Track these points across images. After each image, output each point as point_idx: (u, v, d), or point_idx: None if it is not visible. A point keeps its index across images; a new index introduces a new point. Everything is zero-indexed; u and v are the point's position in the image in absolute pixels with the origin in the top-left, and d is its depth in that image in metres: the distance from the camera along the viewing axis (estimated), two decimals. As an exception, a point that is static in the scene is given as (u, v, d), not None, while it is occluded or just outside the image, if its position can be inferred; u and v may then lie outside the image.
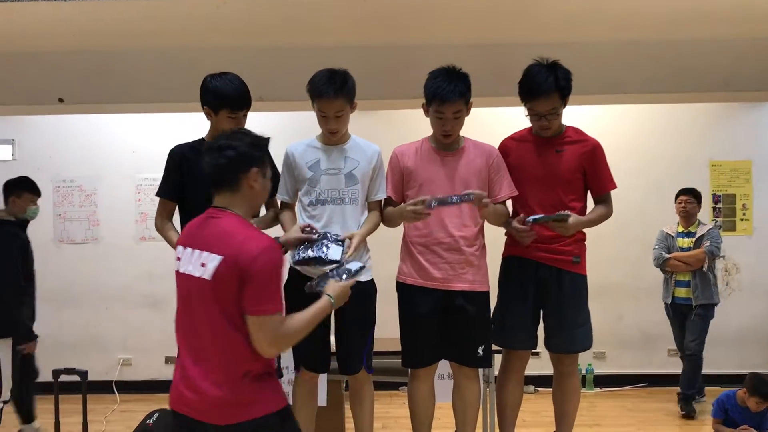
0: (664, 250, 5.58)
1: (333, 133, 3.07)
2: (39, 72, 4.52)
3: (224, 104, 3.05)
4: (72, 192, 6.29)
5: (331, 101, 3.00)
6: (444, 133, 3.08)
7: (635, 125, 6.40)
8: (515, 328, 3.23)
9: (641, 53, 4.57)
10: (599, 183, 3.28)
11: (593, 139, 3.29)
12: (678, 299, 5.55)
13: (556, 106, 3.14)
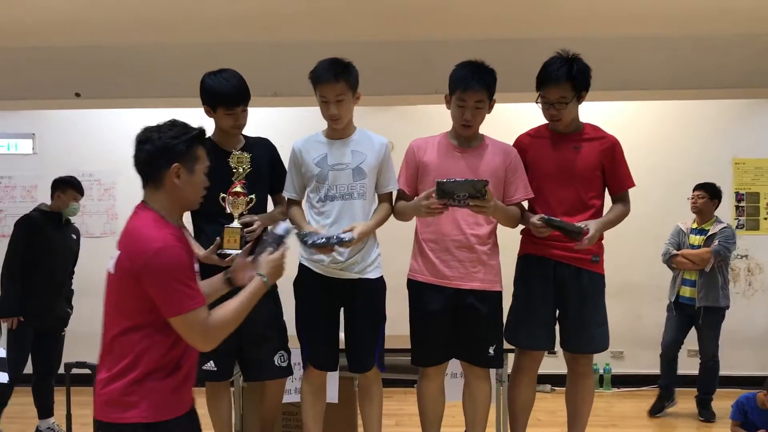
0: (673, 245, 5.39)
1: (334, 119, 3.03)
2: (56, 67, 4.55)
3: (219, 102, 3.06)
4: (91, 186, 6.32)
5: (332, 85, 2.98)
6: (464, 122, 3.03)
7: (656, 122, 6.30)
8: (533, 327, 3.18)
9: (662, 49, 4.51)
10: (618, 181, 3.23)
11: (612, 136, 3.24)
12: (682, 298, 5.35)
13: (566, 95, 3.09)
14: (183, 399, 2.20)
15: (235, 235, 2.98)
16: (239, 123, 3.11)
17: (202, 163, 2.25)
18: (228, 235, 2.98)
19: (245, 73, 4.41)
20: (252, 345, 3.11)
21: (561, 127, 3.17)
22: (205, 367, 3.05)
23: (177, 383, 2.17)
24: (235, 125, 3.11)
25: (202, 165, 2.25)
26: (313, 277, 3.03)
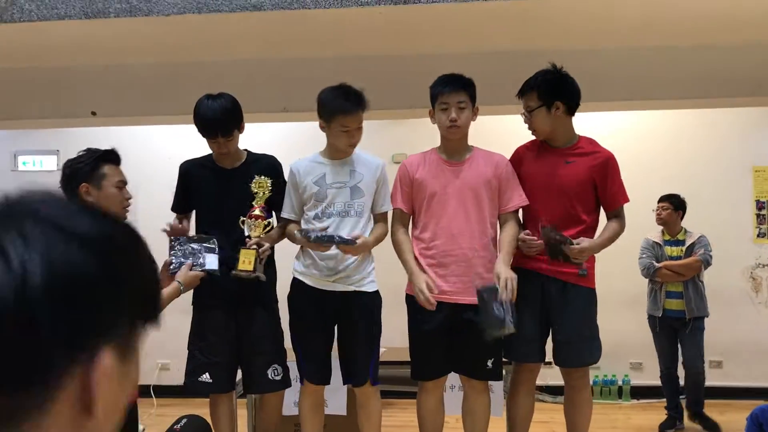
0: (652, 259, 5.28)
1: (354, 146, 3.12)
2: (73, 86, 4.68)
3: (201, 130, 3.16)
4: (113, 201, 6.49)
5: (356, 115, 3.08)
6: (451, 122, 3.06)
7: (674, 131, 6.26)
8: (522, 340, 3.18)
9: (677, 58, 4.47)
10: (610, 196, 3.23)
11: (606, 150, 3.24)
12: (669, 312, 5.22)
13: (530, 104, 3.15)
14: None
15: (251, 256, 3.05)
16: (222, 150, 3.17)
17: (111, 179, 2.63)
18: (244, 257, 3.06)
19: (255, 89, 4.55)
20: (248, 358, 3.18)
21: (542, 137, 3.20)
22: (201, 379, 3.13)
23: None
24: (219, 152, 3.19)
25: (110, 180, 2.62)
26: (307, 290, 3.09)
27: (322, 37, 4.29)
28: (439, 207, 3.09)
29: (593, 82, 4.42)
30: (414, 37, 4.29)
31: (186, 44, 4.30)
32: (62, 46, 4.23)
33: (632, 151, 6.35)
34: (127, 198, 2.66)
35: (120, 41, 4.18)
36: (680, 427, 5.41)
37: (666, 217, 5.28)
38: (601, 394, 6.30)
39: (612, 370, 6.34)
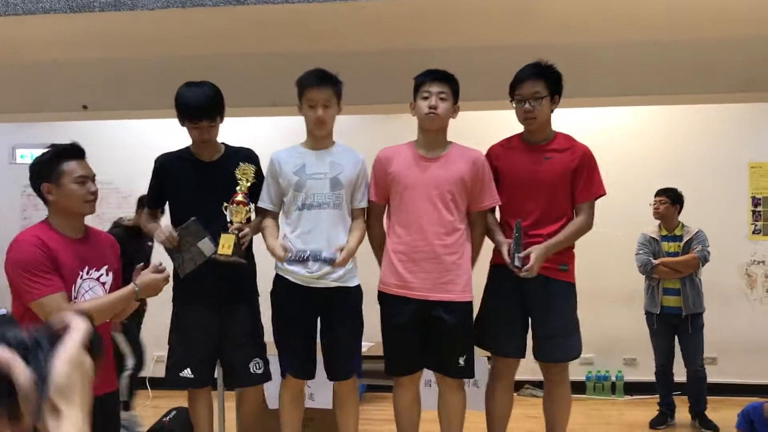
0: (649, 255, 5.24)
1: (320, 122, 3.09)
2: (63, 80, 4.69)
3: (184, 114, 3.15)
4: (110, 194, 6.53)
5: (320, 89, 3.10)
6: (430, 109, 3.05)
7: (670, 127, 6.24)
8: (502, 335, 3.18)
9: (662, 54, 4.44)
10: (582, 189, 3.21)
11: (583, 145, 3.24)
12: (667, 309, 5.19)
13: (539, 90, 3.13)
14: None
15: (230, 241, 3.06)
16: (204, 137, 3.17)
17: (70, 175, 2.59)
18: (224, 241, 3.07)
19: (244, 83, 4.55)
20: (229, 352, 3.19)
21: (535, 128, 3.18)
22: (183, 374, 3.14)
23: None
24: (201, 138, 3.17)
25: (69, 177, 2.59)
26: (289, 287, 3.09)
27: (310, 32, 4.29)
28: (411, 202, 3.09)
29: (585, 77, 4.43)
30: (402, 32, 4.28)
31: (173, 39, 4.30)
32: (52, 40, 4.24)
33: (626, 146, 6.35)
34: (90, 191, 2.62)
35: (108, 36, 4.19)
36: (671, 423, 5.40)
37: (663, 211, 5.24)
38: (595, 390, 6.29)
39: (606, 366, 6.33)
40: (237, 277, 3.17)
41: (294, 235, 3.10)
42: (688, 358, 5.23)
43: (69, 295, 2.57)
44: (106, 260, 2.75)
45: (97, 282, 2.69)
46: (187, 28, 4.14)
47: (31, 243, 2.52)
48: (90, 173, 2.69)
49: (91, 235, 2.78)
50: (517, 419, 5.14)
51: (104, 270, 2.71)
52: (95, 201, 2.68)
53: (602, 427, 5.54)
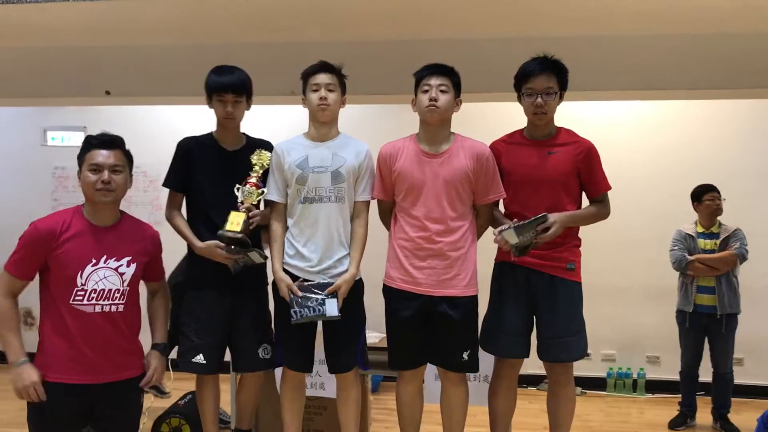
0: (684, 251, 5.10)
1: (324, 104, 3.08)
2: (87, 66, 4.76)
3: (212, 88, 3.18)
4: (137, 177, 6.51)
5: (324, 74, 3.11)
6: (431, 103, 3.03)
7: (702, 120, 6.11)
8: (505, 335, 3.15)
9: (687, 47, 4.32)
10: (594, 185, 3.17)
11: (586, 140, 3.18)
12: (701, 307, 5.06)
13: (552, 86, 3.08)
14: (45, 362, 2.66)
15: (240, 218, 3.08)
16: (229, 110, 3.16)
17: (87, 163, 2.73)
18: (233, 218, 3.08)
19: (263, 71, 4.53)
20: (239, 337, 3.21)
21: (544, 123, 3.12)
22: (195, 360, 3.17)
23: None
24: (227, 114, 3.17)
25: (86, 164, 2.73)
26: (292, 278, 3.09)
27: (328, 21, 4.28)
28: (415, 199, 3.06)
29: (602, 70, 4.34)
30: (419, 22, 4.25)
31: (192, 27, 4.35)
32: (74, 27, 4.31)
33: (656, 141, 6.22)
34: (102, 180, 2.68)
35: (130, 23, 4.24)
36: (691, 424, 5.31)
37: (720, 205, 5.13)
38: (615, 387, 6.21)
39: (628, 363, 6.25)
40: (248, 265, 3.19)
41: (297, 229, 3.10)
42: (717, 361, 5.12)
43: (74, 281, 2.65)
44: (131, 252, 2.79)
45: (115, 272, 2.74)
46: (207, 17, 4.17)
47: (39, 224, 2.69)
48: (107, 163, 2.73)
49: (124, 226, 2.84)
50: (534, 414, 5.12)
51: (125, 261, 2.76)
52: (108, 191, 2.72)
53: (620, 425, 5.46)
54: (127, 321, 2.79)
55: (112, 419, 2.80)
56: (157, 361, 2.89)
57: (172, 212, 3.29)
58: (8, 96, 4.98)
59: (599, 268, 5.96)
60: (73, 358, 2.67)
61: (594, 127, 6.04)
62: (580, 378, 6.11)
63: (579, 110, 6.13)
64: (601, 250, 5.78)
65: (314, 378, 4.07)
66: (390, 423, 4.87)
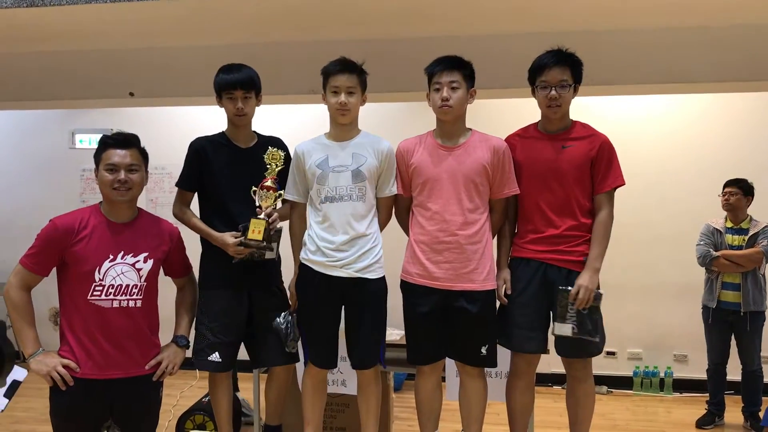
0: (710, 246, 5.03)
1: (343, 109, 3.07)
2: (111, 68, 4.83)
3: (221, 86, 3.19)
4: (163, 179, 6.70)
5: (345, 75, 3.08)
6: (443, 102, 3.02)
7: (731, 114, 6.02)
8: (519, 329, 3.11)
9: (710, 40, 4.26)
10: (602, 179, 3.09)
11: (602, 134, 3.12)
12: (724, 304, 5.00)
13: (566, 78, 3.04)
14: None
15: (260, 226, 3.09)
16: (240, 107, 3.17)
17: (103, 162, 2.78)
18: (254, 226, 3.09)
19: (282, 71, 4.59)
20: (263, 333, 3.22)
21: (558, 116, 3.08)
22: (211, 358, 3.18)
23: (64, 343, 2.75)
24: (237, 110, 3.18)
25: (102, 164, 2.78)
26: (314, 275, 3.10)
27: (347, 19, 4.29)
28: (432, 193, 3.05)
29: (623, 64, 4.30)
30: (441, 18, 4.24)
31: (213, 28, 4.38)
32: (97, 29, 4.37)
33: (683, 136, 6.14)
34: (118, 180, 2.73)
35: (152, 25, 4.29)
36: (719, 423, 5.23)
37: (735, 202, 5.04)
38: (642, 386, 6.14)
39: (654, 362, 6.18)
40: (264, 264, 3.21)
41: (320, 227, 3.11)
42: (744, 358, 5.05)
43: (92, 276, 2.71)
44: (149, 248, 2.84)
45: (132, 267, 2.79)
46: (226, 18, 4.21)
47: (57, 221, 2.73)
48: (123, 162, 2.77)
49: (141, 222, 2.89)
50: (558, 413, 5.08)
51: (142, 257, 2.81)
52: (125, 190, 2.77)
53: (647, 424, 5.40)
54: (146, 316, 2.82)
55: (133, 414, 2.84)
56: (168, 351, 2.92)
57: (182, 208, 3.32)
58: (36, 99, 5.06)
59: (625, 266, 5.94)
60: (93, 353, 2.72)
61: (619, 123, 6.04)
62: (606, 377, 6.09)
63: (608, 106, 6.09)
64: (627, 248, 5.74)
65: (336, 375, 4.09)
66: (413, 421, 4.85)
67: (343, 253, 3.06)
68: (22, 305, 2.73)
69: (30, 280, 2.75)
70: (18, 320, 2.73)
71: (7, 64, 5.01)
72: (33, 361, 2.71)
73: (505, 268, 3.20)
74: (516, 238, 3.20)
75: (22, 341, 2.73)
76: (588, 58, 3.19)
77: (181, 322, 3.07)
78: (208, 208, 3.28)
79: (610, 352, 6.18)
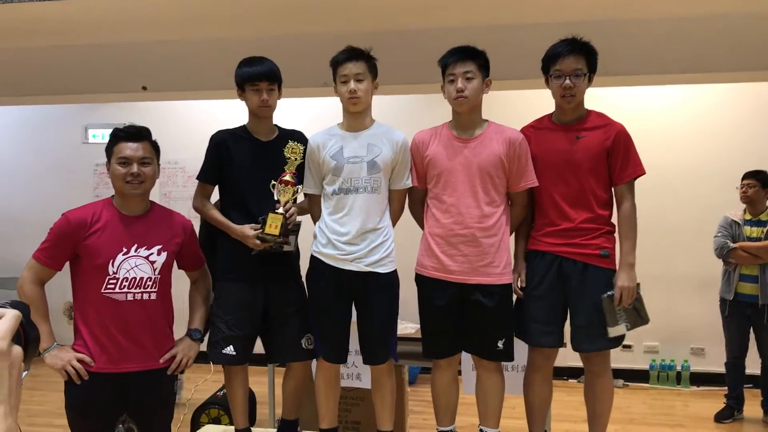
0: (728, 238, 4.98)
1: (353, 96, 3.03)
2: (123, 61, 4.82)
3: (244, 78, 3.14)
4: (176, 173, 6.72)
5: (352, 62, 3.04)
6: (458, 93, 2.97)
7: (753, 104, 5.94)
8: (534, 323, 3.07)
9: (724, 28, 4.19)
10: (620, 170, 3.03)
11: (618, 123, 3.05)
12: (741, 296, 4.94)
13: (581, 67, 2.99)
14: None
15: (278, 221, 3.06)
16: (265, 98, 3.13)
17: (115, 155, 2.75)
18: (271, 221, 3.06)
19: (295, 63, 4.55)
20: (280, 328, 3.20)
21: (572, 106, 3.03)
22: (225, 351, 3.16)
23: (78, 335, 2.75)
24: (262, 102, 3.14)
25: (114, 157, 2.75)
26: (325, 268, 3.07)
27: (360, 11, 4.26)
28: (447, 185, 3.01)
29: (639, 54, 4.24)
30: (453, 9, 4.21)
31: (226, 20, 4.36)
32: (109, 22, 4.36)
33: (700, 128, 6.07)
34: (130, 173, 2.71)
35: (164, 18, 4.28)
36: (738, 417, 5.18)
37: (752, 194, 4.99)
38: (659, 380, 6.09)
39: (671, 355, 6.12)
40: (281, 257, 3.18)
41: (331, 219, 3.09)
42: (763, 351, 5.00)
43: (106, 269, 2.69)
44: (162, 240, 2.82)
45: (146, 260, 2.77)
46: (239, 10, 4.19)
47: (70, 215, 2.72)
48: (136, 155, 2.75)
49: (154, 215, 2.87)
50: (574, 406, 5.05)
51: (156, 249, 2.79)
52: (137, 183, 2.75)
53: (664, 418, 5.36)
54: (160, 309, 2.81)
55: (147, 407, 2.83)
56: (182, 344, 2.91)
57: (202, 201, 3.29)
58: (48, 93, 5.07)
59: (641, 258, 5.83)
60: (107, 347, 2.71)
61: (635, 115, 5.97)
62: (622, 370, 6.04)
63: (623, 97, 6.02)
64: (643, 240, 5.65)
65: (350, 369, 4.07)
66: (427, 415, 4.85)
67: (354, 247, 3.03)
68: (35, 299, 2.72)
69: (43, 275, 2.74)
70: (32, 314, 2.71)
71: (19, 59, 5.01)
72: (48, 355, 2.71)
73: (520, 261, 3.17)
74: (532, 231, 3.16)
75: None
76: (603, 49, 3.14)
77: (195, 315, 3.06)
78: (227, 200, 3.26)
79: (626, 345, 6.12)
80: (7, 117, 7.31)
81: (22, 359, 0.91)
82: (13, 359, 0.90)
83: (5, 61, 5.04)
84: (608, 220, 3.07)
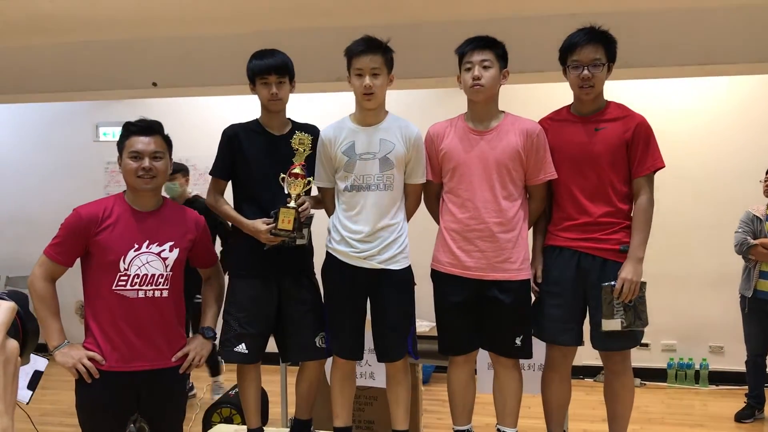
0: (749, 234, 4.88)
1: (368, 92, 2.95)
2: (134, 58, 4.79)
3: (254, 71, 3.09)
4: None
5: (368, 56, 2.95)
6: (474, 81, 2.89)
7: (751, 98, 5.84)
8: (551, 321, 2.99)
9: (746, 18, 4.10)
10: (639, 162, 2.93)
11: (639, 115, 2.96)
12: (760, 293, 4.86)
13: (600, 57, 2.89)
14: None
15: (290, 215, 3.01)
16: (274, 92, 3.07)
17: (127, 150, 2.72)
18: (284, 216, 3.01)
19: (309, 58, 4.50)
20: (294, 326, 3.15)
21: (591, 97, 2.95)
22: (237, 349, 3.10)
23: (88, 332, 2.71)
24: (271, 96, 3.08)
25: (126, 151, 2.72)
26: (339, 265, 3.02)
27: (374, 5, 4.20)
28: (463, 178, 2.94)
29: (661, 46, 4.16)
30: (470, 1, 4.14)
31: (238, 15, 4.32)
32: (121, 19, 4.32)
33: (724, 119, 5.97)
34: (142, 167, 2.67)
35: (176, 13, 4.23)
36: (759, 417, 5.09)
37: None
38: (677, 378, 6.00)
39: (689, 354, 6.03)
40: (295, 253, 3.13)
41: (344, 216, 3.03)
42: None
43: (117, 266, 2.64)
44: (174, 237, 2.77)
45: (157, 257, 2.73)
46: (251, 5, 4.14)
47: (81, 210, 2.68)
48: (147, 150, 2.71)
49: (166, 211, 2.83)
50: (592, 406, 4.98)
51: (168, 246, 2.75)
52: (149, 178, 2.71)
53: (682, 417, 5.27)
54: (172, 307, 2.76)
55: (159, 406, 2.78)
56: (195, 343, 2.87)
57: (216, 197, 3.24)
58: (59, 90, 5.04)
59: (658, 254, 5.76)
60: (118, 345, 2.67)
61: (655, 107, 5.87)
62: (639, 369, 5.92)
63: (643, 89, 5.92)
64: (661, 236, 5.56)
65: (364, 367, 4.01)
66: (442, 414, 4.79)
67: (367, 245, 2.97)
68: (46, 296, 2.68)
69: (54, 271, 2.69)
70: (43, 311, 2.67)
71: (30, 56, 4.99)
72: (58, 353, 2.66)
73: (538, 257, 3.10)
74: (550, 226, 3.08)
75: (47, 333, 2.67)
76: (623, 40, 3.07)
77: (207, 313, 3.01)
78: (240, 195, 3.21)
79: (643, 343, 6.01)
80: (17, 117, 7.31)
81: (19, 353, 0.85)
82: (7, 354, 0.84)
83: (14, 59, 5.01)
84: (628, 214, 2.97)
